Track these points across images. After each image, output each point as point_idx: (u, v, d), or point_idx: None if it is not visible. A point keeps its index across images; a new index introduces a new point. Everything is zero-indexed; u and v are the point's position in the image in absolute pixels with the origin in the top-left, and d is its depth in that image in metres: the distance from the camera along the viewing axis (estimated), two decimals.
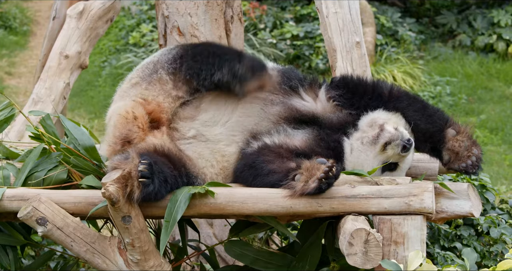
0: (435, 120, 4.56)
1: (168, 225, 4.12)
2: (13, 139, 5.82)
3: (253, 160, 4.40)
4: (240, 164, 4.49)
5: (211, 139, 4.59)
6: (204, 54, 4.62)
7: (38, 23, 17.87)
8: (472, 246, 5.58)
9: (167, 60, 4.68)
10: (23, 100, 13.15)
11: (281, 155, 4.39)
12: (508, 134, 12.50)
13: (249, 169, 4.40)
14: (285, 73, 4.74)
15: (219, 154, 4.57)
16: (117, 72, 15.15)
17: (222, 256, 6.15)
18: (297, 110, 4.61)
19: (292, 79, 4.71)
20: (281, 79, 4.68)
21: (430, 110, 4.64)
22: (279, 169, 4.28)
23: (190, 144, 4.60)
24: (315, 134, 4.55)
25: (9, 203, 4.32)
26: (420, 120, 4.55)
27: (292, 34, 14.93)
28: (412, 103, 4.63)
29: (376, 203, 4.06)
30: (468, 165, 4.52)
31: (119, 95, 4.74)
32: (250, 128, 4.59)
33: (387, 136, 4.43)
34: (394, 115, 4.59)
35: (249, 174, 4.38)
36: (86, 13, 6.64)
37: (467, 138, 4.53)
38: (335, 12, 5.67)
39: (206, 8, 6.24)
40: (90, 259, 4.40)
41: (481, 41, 15.50)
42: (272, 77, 4.63)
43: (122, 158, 4.17)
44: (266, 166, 4.32)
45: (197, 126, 4.61)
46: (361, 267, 3.88)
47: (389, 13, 16.06)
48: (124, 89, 4.73)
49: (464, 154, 4.51)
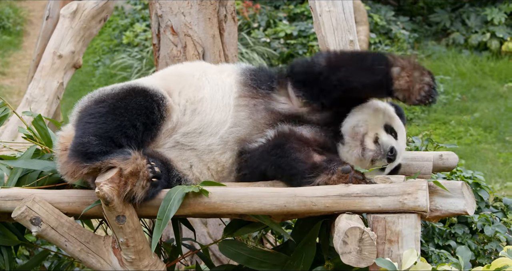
0: (376, 69, 4.43)
1: (161, 223, 4.12)
2: (7, 139, 5.81)
3: (282, 143, 4.45)
4: (267, 144, 4.52)
5: (199, 149, 4.59)
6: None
7: (32, 23, 17.85)
8: (466, 244, 5.59)
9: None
10: (16, 100, 13.15)
11: (307, 143, 4.47)
12: (502, 133, 12.52)
13: (275, 148, 4.45)
14: (256, 76, 4.73)
15: (213, 162, 4.58)
16: (111, 72, 15.14)
17: (217, 255, 6.15)
18: (280, 114, 4.63)
19: (263, 82, 4.70)
20: (255, 83, 4.69)
21: (369, 60, 4.52)
22: (305, 159, 4.36)
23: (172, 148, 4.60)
24: (314, 131, 4.60)
25: (3, 203, 4.31)
26: (365, 77, 4.45)
27: (286, 33, 14.94)
28: (350, 66, 4.54)
29: (370, 202, 4.06)
30: (422, 97, 4.42)
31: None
32: (243, 137, 4.60)
33: (370, 154, 4.52)
34: (369, 112, 4.60)
35: (275, 153, 4.43)
36: (79, 13, 6.63)
37: (413, 70, 4.39)
38: (328, 10, 5.67)
39: (200, 7, 6.24)
40: (84, 259, 4.39)
41: (474, 39, 15.52)
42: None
43: (121, 158, 4.16)
44: (294, 152, 4.39)
45: (178, 137, 4.59)
46: (356, 265, 3.88)
47: (383, 11, 16.08)
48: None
49: (416, 87, 4.41)
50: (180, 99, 4.59)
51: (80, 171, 4.19)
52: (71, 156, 4.24)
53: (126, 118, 4.34)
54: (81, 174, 4.19)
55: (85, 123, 4.35)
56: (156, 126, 4.47)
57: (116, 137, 4.27)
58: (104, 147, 4.21)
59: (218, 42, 6.31)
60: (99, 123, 4.30)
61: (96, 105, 4.42)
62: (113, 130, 4.28)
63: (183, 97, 4.60)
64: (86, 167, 4.18)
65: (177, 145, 4.54)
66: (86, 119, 4.36)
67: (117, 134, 4.28)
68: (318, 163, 4.32)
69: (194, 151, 4.55)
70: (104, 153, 4.19)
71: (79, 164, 4.19)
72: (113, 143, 4.25)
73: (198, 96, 4.61)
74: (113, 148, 4.23)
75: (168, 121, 4.52)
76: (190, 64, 4.94)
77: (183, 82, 4.67)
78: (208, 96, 4.62)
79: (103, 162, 4.16)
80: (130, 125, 4.33)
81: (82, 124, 4.36)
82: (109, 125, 4.30)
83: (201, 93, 4.62)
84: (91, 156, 4.18)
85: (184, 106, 4.58)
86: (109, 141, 4.25)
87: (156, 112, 4.44)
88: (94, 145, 4.20)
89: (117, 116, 4.33)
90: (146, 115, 4.41)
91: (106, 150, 4.20)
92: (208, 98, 4.61)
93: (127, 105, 4.39)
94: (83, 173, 4.19)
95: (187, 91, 4.63)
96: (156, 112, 4.44)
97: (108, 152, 4.19)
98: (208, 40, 6.26)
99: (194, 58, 6.21)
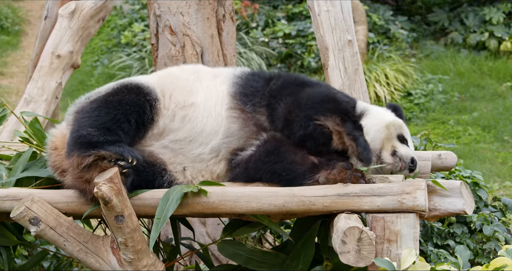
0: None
1: (159, 222, 4.12)
2: (6, 138, 5.81)
3: (276, 147, 4.42)
4: (259, 151, 4.49)
5: (190, 157, 4.57)
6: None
7: (30, 22, 17.83)
8: (465, 243, 5.59)
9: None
10: (15, 100, 13.13)
11: (300, 147, 4.43)
12: (500, 132, 12.53)
13: (269, 155, 4.42)
14: (245, 89, 4.65)
15: (206, 171, 4.57)
16: (109, 72, 15.14)
17: (216, 255, 6.15)
18: (269, 129, 4.59)
19: (249, 99, 4.61)
20: (242, 98, 4.61)
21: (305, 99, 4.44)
22: (302, 161, 4.34)
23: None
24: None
25: (2, 202, 4.31)
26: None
27: (284, 32, 14.93)
28: (294, 101, 4.47)
29: (369, 201, 4.06)
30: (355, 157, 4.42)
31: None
32: (236, 147, 4.58)
33: (389, 168, 4.50)
34: (380, 128, 4.57)
35: (269, 160, 4.40)
36: (77, 13, 6.63)
37: (339, 132, 4.34)
38: (327, 10, 5.67)
39: (198, 7, 6.24)
40: (83, 259, 4.39)
41: (473, 38, 15.52)
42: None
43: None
44: (289, 155, 4.36)
45: (167, 143, 4.58)
46: (354, 265, 3.89)
47: (381, 11, 16.08)
48: None
49: (349, 150, 4.41)
50: (170, 103, 4.55)
51: (87, 160, 4.17)
52: (72, 150, 4.23)
53: (120, 112, 4.33)
54: (87, 163, 4.18)
55: (80, 119, 4.35)
56: (144, 127, 4.45)
57: (113, 129, 4.26)
58: (107, 137, 4.21)
59: (216, 42, 6.30)
60: (92, 117, 4.30)
61: (91, 104, 4.43)
62: (109, 122, 4.28)
63: (173, 101, 4.56)
64: (91, 155, 4.17)
65: (167, 148, 4.53)
66: (81, 116, 4.37)
67: (113, 126, 4.28)
68: (318, 162, 4.32)
69: (186, 157, 4.54)
70: (110, 143, 4.19)
71: (84, 154, 4.18)
72: (111, 133, 4.25)
73: (189, 101, 4.57)
74: (116, 138, 4.24)
75: (155, 126, 4.49)
76: (188, 67, 4.89)
77: (176, 85, 4.64)
78: (200, 103, 4.57)
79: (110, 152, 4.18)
80: (125, 120, 4.33)
81: (77, 121, 4.36)
82: (103, 118, 4.30)
83: (193, 98, 4.58)
84: (96, 145, 4.18)
85: (173, 112, 4.54)
86: (107, 131, 4.24)
87: (147, 112, 4.44)
88: (96, 135, 4.20)
89: (111, 109, 4.33)
90: (138, 114, 4.40)
91: (112, 139, 4.21)
92: (200, 104, 4.57)
93: (120, 100, 4.38)
94: (90, 162, 4.17)
95: (178, 95, 4.58)
96: (147, 112, 4.44)
97: (113, 142, 4.20)
98: (207, 40, 6.26)
99: (192, 58, 6.21)
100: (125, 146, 4.21)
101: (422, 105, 13.50)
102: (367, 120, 4.56)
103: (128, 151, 4.17)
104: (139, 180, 4.32)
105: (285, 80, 4.63)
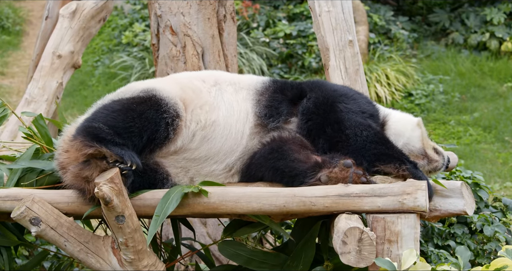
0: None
1: (158, 219, 4.12)
2: (6, 138, 5.82)
3: (280, 145, 4.44)
4: (264, 149, 4.50)
5: (201, 173, 4.57)
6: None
7: (31, 23, 17.85)
8: (465, 244, 5.59)
9: None
10: (16, 100, 13.14)
11: (305, 147, 4.46)
12: (501, 132, 12.52)
13: (273, 152, 4.44)
14: (270, 106, 4.64)
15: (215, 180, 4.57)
16: (110, 72, 15.14)
17: (216, 255, 6.15)
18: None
19: (274, 115, 4.61)
20: (267, 116, 4.61)
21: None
22: (305, 159, 4.36)
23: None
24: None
25: (2, 203, 4.31)
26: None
27: (285, 33, 14.93)
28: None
29: (369, 202, 4.06)
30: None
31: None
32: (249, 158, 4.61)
33: (435, 166, 4.63)
34: (412, 127, 4.62)
35: (272, 157, 4.42)
36: (78, 13, 6.64)
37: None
38: (327, 10, 5.67)
39: (199, 7, 6.24)
40: (84, 259, 4.39)
41: (474, 39, 15.52)
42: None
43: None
44: (293, 153, 4.39)
45: (180, 159, 4.57)
46: (355, 265, 3.89)
47: (382, 11, 16.08)
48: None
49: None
50: (191, 120, 4.50)
51: (86, 149, 4.18)
52: (78, 134, 4.24)
53: (137, 125, 4.32)
54: (85, 153, 4.18)
55: (99, 112, 4.37)
56: (158, 145, 4.43)
57: (123, 136, 4.26)
58: (115, 138, 4.22)
59: (217, 42, 6.30)
60: (110, 116, 4.31)
61: (113, 103, 4.44)
62: (122, 129, 4.28)
63: (194, 119, 4.51)
64: (93, 147, 4.17)
65: (178, 162, 4.52)
66: (101, 109, 4.39)
67: (125, 134, 4.28)
68: (321, 160, 4.32)
69: (198, 173, 4.53)
70: (115, 144, 4.19)
71: (87, 143, 4.19)
72: (120, 138, 4.25)
73: (211, 119, 4.52)
74: (123, 142, 4.25)
75: (171, 145, 4.47)
76: (208, 76, 4.80)
77: (198, 99, 4.58)
78: (222, 120, 4.54)
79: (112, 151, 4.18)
80: (138, 134, 4.32)
81: (96, 112, 4.38)
82: (119, 123, 4.30)
83: (214, 115, 4.54)
84: (101, 140, 4.18)
85: (193, 132, 4.50)
86: (117, 135, 4.24)
87: (162, 131, 4.39)
88: (106, 132, 4.21)
89: (129, 118, 4.32)
90: (152, 132, 4.37)
91: (118, 141, 4.22)
92: (221, 122, 4.53)
93: (141, 113, 4.36)
94: (88, 153, 4.17)
95: (199, 112, 4.53)
96: (162, 131, 4.39)
97: (118, 144, 4.20)
98: (208, 40, 6.26)
99: (193, 58, 6.21)
100: (128, 150, 4.21)
101: (423, 106, 13.50)
102: (395, 123, 4.67)
103: (129, 155, 4.16)
104: (140, 182, 4.32)
105: (320, 97, 4.64)
